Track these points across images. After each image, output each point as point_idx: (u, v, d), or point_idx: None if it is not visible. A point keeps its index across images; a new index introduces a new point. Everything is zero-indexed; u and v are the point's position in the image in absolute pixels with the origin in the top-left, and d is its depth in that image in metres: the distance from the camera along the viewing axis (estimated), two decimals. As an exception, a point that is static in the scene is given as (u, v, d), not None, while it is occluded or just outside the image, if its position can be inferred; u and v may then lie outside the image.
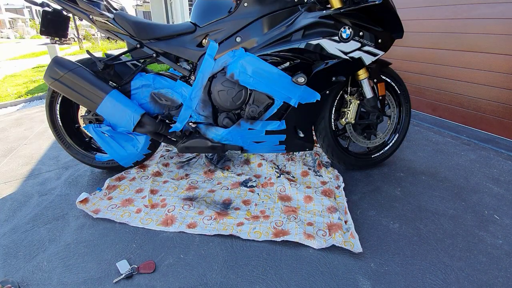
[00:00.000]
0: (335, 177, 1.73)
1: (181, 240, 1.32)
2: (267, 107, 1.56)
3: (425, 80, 2.80)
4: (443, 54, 2.58)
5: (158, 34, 1.55)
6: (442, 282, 1.08)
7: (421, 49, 2.78)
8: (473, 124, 2.46)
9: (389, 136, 1.88)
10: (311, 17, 1.40)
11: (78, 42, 12.84)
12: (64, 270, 1.19)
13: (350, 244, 1.22)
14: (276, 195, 1.57)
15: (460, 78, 2.49)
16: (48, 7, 1.62)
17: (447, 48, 2.54)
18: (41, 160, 2.15)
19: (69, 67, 1.53)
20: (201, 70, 1.51)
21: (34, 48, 14.27)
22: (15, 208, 1.60)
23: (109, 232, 1.38)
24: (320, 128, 1.68)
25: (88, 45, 13.34)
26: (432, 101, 2.79)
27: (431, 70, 2.72)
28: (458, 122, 2.58)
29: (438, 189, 1.64)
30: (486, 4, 2.20)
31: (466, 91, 2.46)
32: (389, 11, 1.44)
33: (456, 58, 2.48)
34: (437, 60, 2.65)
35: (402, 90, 1.81)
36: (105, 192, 1.64)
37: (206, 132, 1.63)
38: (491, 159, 1.95)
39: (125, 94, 1.61)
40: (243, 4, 1.45)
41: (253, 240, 1.30)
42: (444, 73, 2.61)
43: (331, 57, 1.45)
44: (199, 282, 1.11)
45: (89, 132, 1.71)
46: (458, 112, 2.56)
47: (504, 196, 1.57)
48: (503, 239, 1.28)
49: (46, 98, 1.73)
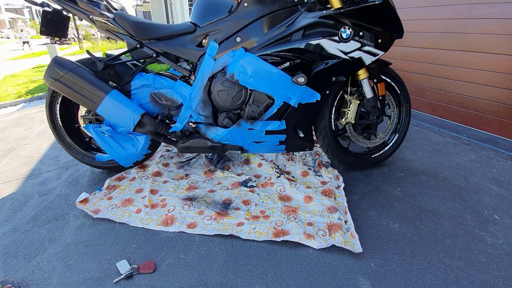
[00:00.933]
0: (335, 177, 1.73)
1: (181, 240, 1.32)
2: (267, 107, 1.56)
3: (425, 80, 2.80)
4: (443, 54, 2.58)
5: (158, 34, 1.55)
6: (442, 282, 1.08)
7: (421, 49, 2.78)
8: (473, 124, 2.46)
9: (389, 136, 1.88)
10: (311, 17, 1.40)
11: (78, 42, 12.84)
12: (64, 270, 1.19)
13: (350, 244, 1.22)
14: (276, 195, 1.57)
15: (460, 78, 2.49)
16: (48, 7, 1.62)
17: (447, 48, 2.54)
18: (41, 160, 2.15)
19: (69, 67, 1.53)
20: (201, 70, 1.51)
21: (34, 48, 14.27)
22: (15, 208, 1.60)
23: (109, 232, 1.38)
24: (320, 128, 1.68)
25: (88, 45, 13.34)
26: (432, 101, 2.79)
27: (431, 70, 2.72)
28: (458, 122, 2.58)
29: (438, 189, 1.64)
30: (486, 4, 2.20)
31: (466, 91, 2.46)
32: (389, 11, 1.44)
33: (456, 58, 2.48)
34: (437, 60, 2.65)
35: (402, 90, 1.81)
36: (105, 192, 1.64)
37: (206, 132, 1.63)
38: (491, 159, 1.95)
39: (125, 94, 1.61)
40: (243, 4, 1.45)
41: (253, 240, 1.30)
42: (444, 73, 2.61)
43: (331, 57, 1.45)
44: (199, 282, 1.11)
45: (89, 132, 1.71)
46: (458, 112, 2.57)
47: (504, 196, 1.57)
48: (503, 239, 1.28)
49: (46, 98, 1.73)
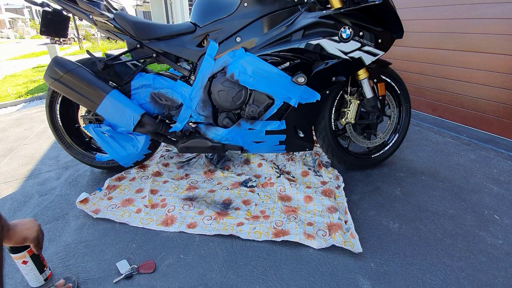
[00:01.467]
0: (335, 177, 1.73)
1: (181, 240, 1.32)
2: (267, 107, 1.56)
3: (425, 80, 2.80)
4: (443, 54, 2.58)
5: (158, 34, 1.55)
6: (442, 282, 1.08)
7: (421, 49, 2.78)
8: (473, 124, 2.46)
9: (389, 136, 1.88)
10: (311, 17, 1.40)
11: (78, 42, 12.84)
12: (64, 270, 1.19)
13: (350, 244, 1.22)
14: (276, 195, 1.57)
15: (460, 78, 2.49)
16: (48, 7, 1.62)
17: (447, 48, 2.54)
18: (41, 160, 2.15)
19: (69, 67, 1.53)
20: (201, 70, 1.51)
21: (34, 48, 14.27)
22: (15, 208, 1.60)
23: (109, 232, 1.38)
24: (320, 128, 1.68)
25: (88, 45, 13.34)
26: (432, 101, 2.79)
27: (431, 70, 2.72)
28: (458, 122, 2.58)
29: (438, 189, 1.64)
30: (486, 4, 2.20)
31: (466, 91, 2.46)
32: (389, 11, 1.44)
33: (456, 58, 2.48)
34: (437, 60, 2.65)
35: (402, 90, 1.81)
36: (105, 192, 1.64)
37: (206, 132, 1.63)
38: (491, 159, 1.95)
39: (125, 94, 1.61)
40: (243, 4, 1.45)
41: (253, 240, 1.30)
42: (444, 73, 2.61)
43: (331, 57, 1.45)
44: (199, 282, 1.11)
45: (89, 132, 1.71)
46: (458, 112, 2.57)
47: (504, 196, 1.57)
48: (503, 239, 1.28)
49: (46, 98, 1.73)
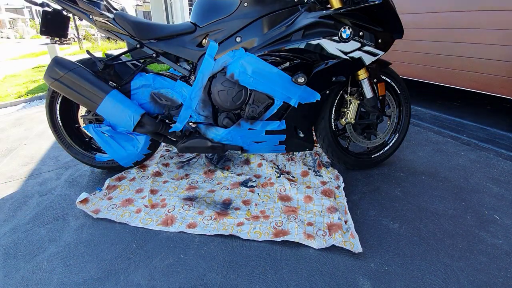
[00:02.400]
0: (335, 177, 1.73)
1: (181, 240, 1.32)
2: (267, 107, 1.56)
3: (433, 46, 2.64)
4: (452, 17, 2.41)
5: (158, 34, 1.55)
6: (442, 282, 1.08)
7: (431, 14, 2.61)
8: (486, 88, 2.28)
9: (389, 136, 1.88)
10: (311, 17, 1.40)
11: (78, 42, 12.82)
12: (64, 270, 1.19)
13: (350, 244, 1.22)
14: (276, 195, 1.57)
15: (471, 40, 2.32)
16: (48, 7, 1.62)
17: (456, 10, 2.37)
18: (41, 160, 2.15)
19: (69, 67, 1.53)
20: (201, 70, 1.51)
21: (34, 48, 14.27)
22: (15, 208, 1.60)
23: (109, 232, 1.38)
24: (320, 128, 1.68)
25: (88, 45, 13.33)
26: (440, 67, 2.62)
27: (441, 35, 2.55)
28: (470, 88, 2.41)
29: (438, 189, 1.64)
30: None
31: (477, 54, 2.30)
32: (389, 11, 1.44)
33: (466, 19, 2.31)
34: (446, 24, 2.48)
35: (402, 90, 1.81)
36: (105, 192, 1.64)
37: (206, 132, 1.63)
38: (491, 159, 1.95)
39: (125, 94, 1.61)
40: (243, 4, 1.45)
41: (253, 240, 1.30)
42: (454, 37, 2.44)
43: (331, 57, 1.45)
44: (199, 282, 1.11)
45: (89, 132, 1.71)
46: (469, 77, 2.38)
47: (504, 196, 1.57)
48: (503, 239, 1.28)
49: (46, 98, 1.73)
